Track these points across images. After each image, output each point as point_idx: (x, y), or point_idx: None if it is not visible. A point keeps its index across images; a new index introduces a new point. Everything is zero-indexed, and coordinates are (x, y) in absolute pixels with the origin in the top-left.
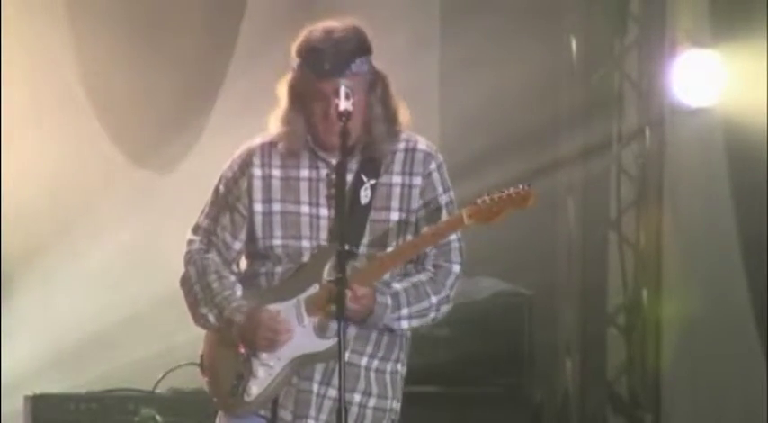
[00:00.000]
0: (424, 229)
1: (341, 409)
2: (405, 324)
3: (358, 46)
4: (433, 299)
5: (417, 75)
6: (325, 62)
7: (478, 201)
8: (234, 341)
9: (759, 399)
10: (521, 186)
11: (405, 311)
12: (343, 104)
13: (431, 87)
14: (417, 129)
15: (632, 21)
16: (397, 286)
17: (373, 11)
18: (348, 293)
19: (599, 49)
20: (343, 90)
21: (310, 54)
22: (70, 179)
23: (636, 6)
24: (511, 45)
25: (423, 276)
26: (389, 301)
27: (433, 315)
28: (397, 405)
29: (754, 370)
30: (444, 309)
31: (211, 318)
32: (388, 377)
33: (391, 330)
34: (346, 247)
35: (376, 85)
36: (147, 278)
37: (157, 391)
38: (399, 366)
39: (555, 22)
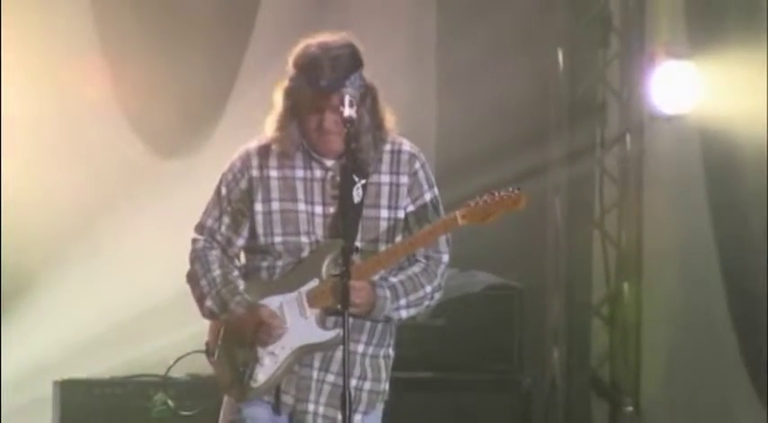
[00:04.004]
0: (419, 230)
1: (344, 394)
2: (404, 314)
3: (352, 62)
4: (428, 288)
5: (415, 85)
6: (321, 78)
7: (471, 203)
8: (238, 330)
9: (732, 384)
10: (511, 189)
11: (403, 302)
12: (347, 111)
13: (428, 96)
14: (416, 135)
15: (614, 34)
16: (393, 279)
17: (372, 22)
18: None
19: (584, 60)
20: (347, 98)
21: (307, 68)
22: (91, 174)
23: (618, 21)
24: (503, 57)
25: (416, 268)
26: (388, 293)
27: (427, 303)
28: (387, 386)
29: (727, 358)
30: (437, 296)
31: (216, 310)
32: (381, 361)
33: (388, 320)
34: (356, 244)
35: (366, 96)
36: (166, 271)
37: (175, 376)
38: (390, 351)
39: (543, 36)
